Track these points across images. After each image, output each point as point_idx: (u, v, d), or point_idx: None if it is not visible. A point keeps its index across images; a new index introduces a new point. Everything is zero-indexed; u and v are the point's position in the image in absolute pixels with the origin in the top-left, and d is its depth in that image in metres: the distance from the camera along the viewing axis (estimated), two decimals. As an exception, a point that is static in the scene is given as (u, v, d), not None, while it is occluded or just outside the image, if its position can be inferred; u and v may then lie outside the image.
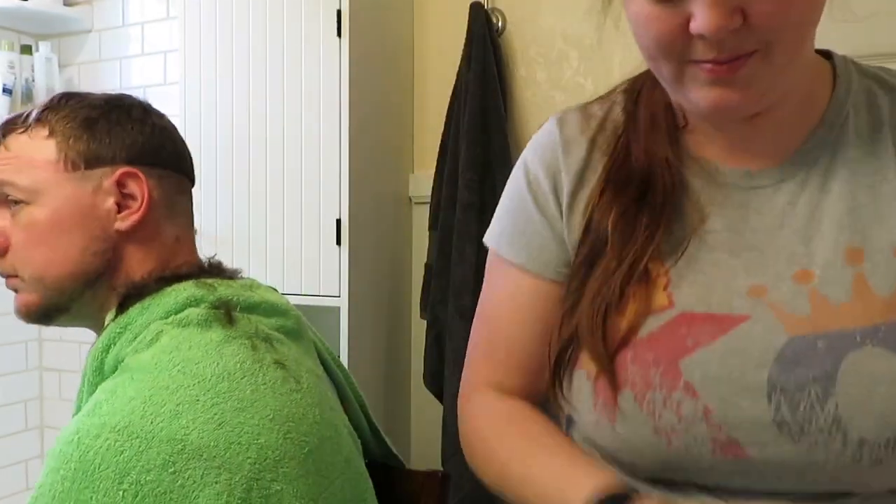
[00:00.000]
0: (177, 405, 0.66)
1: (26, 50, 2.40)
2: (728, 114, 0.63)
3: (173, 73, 2.28)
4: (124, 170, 0.79)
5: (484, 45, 1.88)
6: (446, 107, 1.96)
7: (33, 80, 2.40)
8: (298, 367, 0.76)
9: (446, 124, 1.95)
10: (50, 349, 2.53)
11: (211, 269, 0.83)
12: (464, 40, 1.91)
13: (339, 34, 1.79)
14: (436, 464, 1.90)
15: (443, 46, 2.05)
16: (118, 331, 0.75)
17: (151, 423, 0.64)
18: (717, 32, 0.56)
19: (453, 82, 1.95)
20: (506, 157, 1.86)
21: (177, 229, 0.84)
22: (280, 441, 0.68)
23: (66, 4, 2.44)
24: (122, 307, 0.78)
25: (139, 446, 0.63)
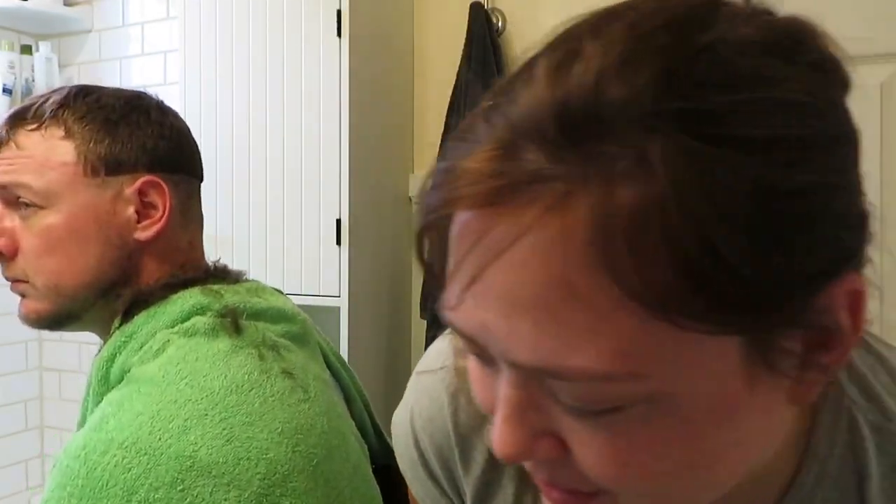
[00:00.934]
0: (185, 420, 0.64)
1: (26, 50, 2.40)
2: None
3: (173, 73, 2.28)
4: (147, 178, 0.77)
5: (484, 45, 1.88)
6: (446, 107, 1.96)
7: (33, 80, 2.40)
8: (306, 374, 0.75)
9: (446, 124, 1.95)
10: (50, 349, 2.53)
11: (217, 274, 0.81)
12: (464, 40, 1.91)
13: (339, 34, 1.79)
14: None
15: (443, 46, 2.05)
16: (123, 339, 0.74)
17: (159, 439, 0.63)
18: (510, 458, 0.37)
19: (453, 82, 1.95)
20: (506, 157, 1.86)
21: (189, 234, 0.82)
22: (289, 455, 0.67)
23: (66, 4, 2.43)
24: (126, 314, 0.75)
25: (147, 463, 0.61)
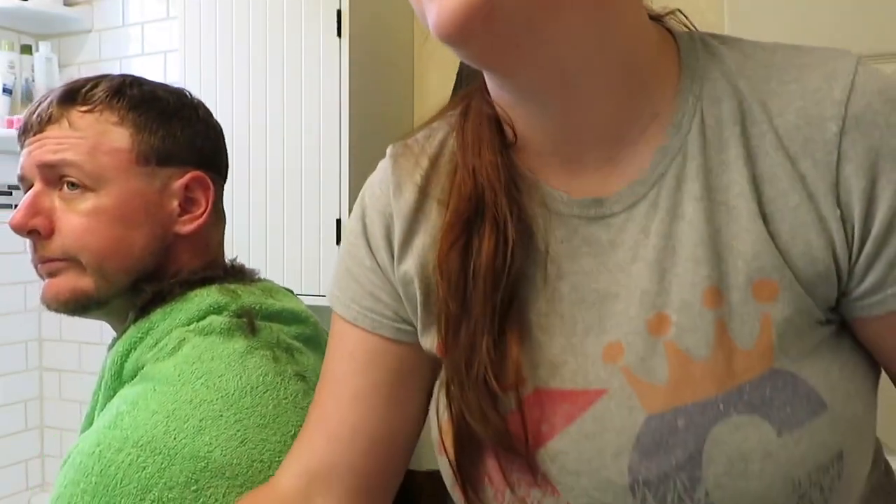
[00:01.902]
0: (200, 421, 0.65)
1: (26, 50, 2.40)
2: (453, 30, 0.46)
3: (173, 73, 2.28)
4: (195, 174, 0.78)
5: (484, 46, 1.88)
6: (446, 107, 1.96)
7: (33, 80, 2.40)
8: (318, 377, 0.75)
9: (446, 124, 1.95)
10: (50, 349, 2.53)
11: (234, 273, 0.82)
12: (464, 40, 1.91)
13: (339, 34, 1.79)
14: (436, 464, 1.90)
15: (443, 46, 2.05)
16: (139, 335, 0.74)
17: (174, 438, 0.63)
18: None
19: (453, 82, 1.95)
20: (506, 157, 1.86)
21: (219, 233, 0.84)
22: None
23: (66, 4, 2.43)
24: (143, 309, 0.76)
25: (162, 463, 0.62)
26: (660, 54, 0.53)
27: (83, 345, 2.44)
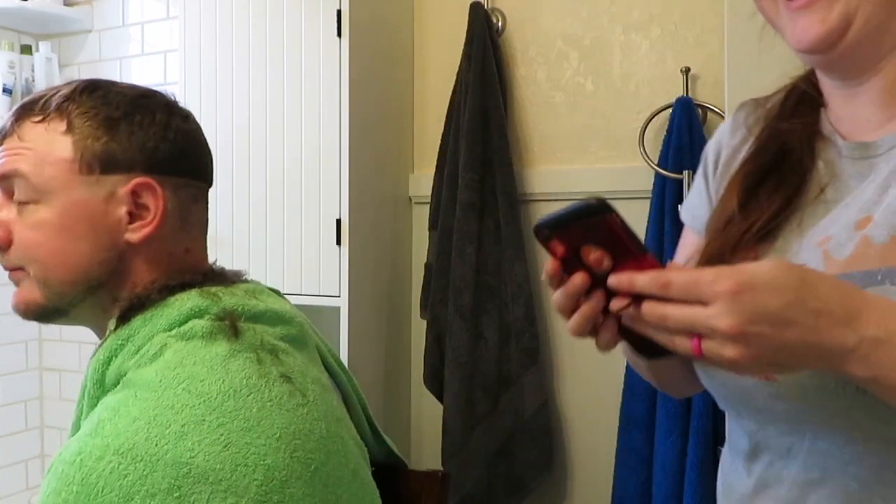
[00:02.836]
0: (182, 426, 0.64)
1: (26, 50, 2.40)
2: (816, 46, 0.64)
3: (173, 73, 2.28)
4: (140, 180, 0.76)
5: (484, 45, 1.88)
6: (446, 107, 1.96)
7: (33, 80, 2.40)
8: (304, 378, 0.75)
9: (446, 124, 1.95)
10: (50, 349, 2.53)
11: (214, 276, 0.80)
12: (464, 40, 1.91)
13: (339, 34, 1.79)
14: (436, 464, 1.90)
15: (443, 46, 2.05)
16: (119, 343, 0.73)
17: (156, 445, 0.63)
18: None
19: (453, 82, 1.95)
20: (506, 156, 1.86)
21: (188, 240, 0.81)
22: (287, 461, 0.67)
23: (66, 4, 2.43)
24: (123, 317, 0.75)
25: (143, 470, 0.61)
26: None
27: (83, 345, 2.43)
